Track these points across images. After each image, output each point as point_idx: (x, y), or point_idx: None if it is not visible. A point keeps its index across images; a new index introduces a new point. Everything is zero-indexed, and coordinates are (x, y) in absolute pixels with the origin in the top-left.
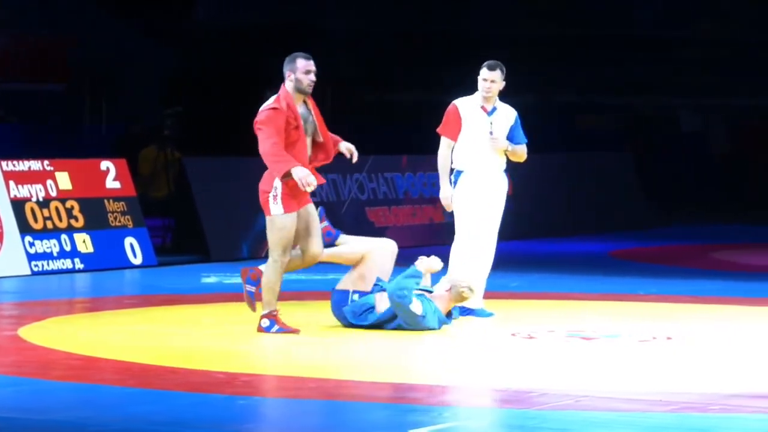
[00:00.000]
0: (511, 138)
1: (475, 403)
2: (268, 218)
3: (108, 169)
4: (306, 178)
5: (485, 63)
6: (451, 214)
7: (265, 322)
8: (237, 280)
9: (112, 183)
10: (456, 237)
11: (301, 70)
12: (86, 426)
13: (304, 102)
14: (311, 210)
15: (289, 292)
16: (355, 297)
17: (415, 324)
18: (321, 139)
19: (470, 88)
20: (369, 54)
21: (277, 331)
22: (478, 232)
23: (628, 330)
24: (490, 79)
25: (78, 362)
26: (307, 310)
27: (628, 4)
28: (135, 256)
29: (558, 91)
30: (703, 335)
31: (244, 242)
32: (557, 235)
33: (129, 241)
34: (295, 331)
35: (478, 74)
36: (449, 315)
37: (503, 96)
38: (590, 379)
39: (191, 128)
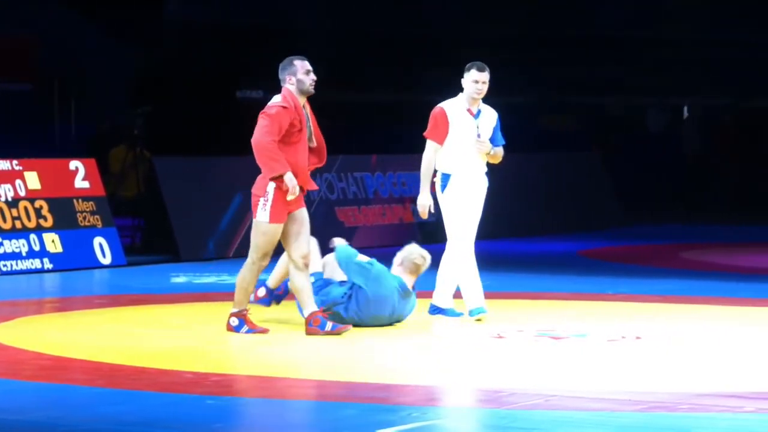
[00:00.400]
0: (491, 140)
1: (444, 402)
2: (254, 221)
3: (77, 168)
4: (295, 188)
5: (473, 64)
6: (426, 215)
7: (234, 321)
8: (206, 279)
9: (81, 183)
10: (449, 240)
11: (301, 71)
12: (56, 426)
13: (303, 106)
14: (304, 214)
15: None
16: (311, 279)
17: (370, 281)
18: (314, 144)
19: (438, 88)
20: (338, 54)
21: (247, 332)
22: (466, 234)
23: (597, 329)
24: (482, 80)
25: (47, 362)
26: (276, 309)
27: (595, 5)
28: (104, 255)
29: (525, 91)
30: (672, 335)
31: (211, 240)
32: (526, 234)
33: (98, 240)
34: (264, 331)
35: (461, 76)
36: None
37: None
38: (559, 378)
39: (161, 127)
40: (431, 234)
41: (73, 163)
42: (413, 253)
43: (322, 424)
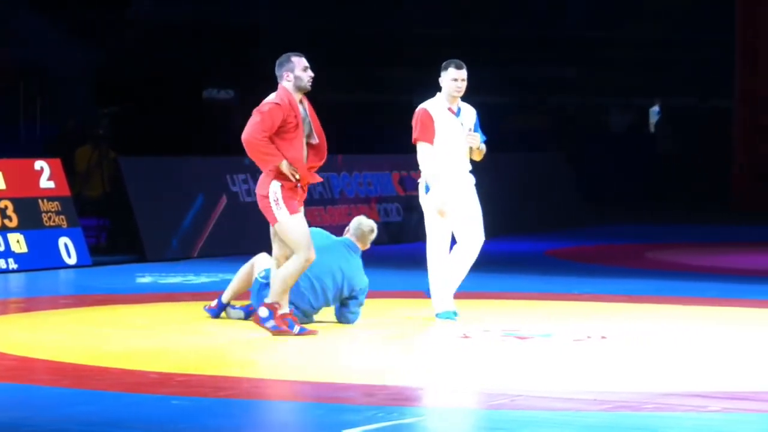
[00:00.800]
0: None
1: (409, 403)
2: (276, 225)
3: (42, 168)
4: (294, 172)
5: (451, 62)
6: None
7: (264, 312)
8: (172, 279)
9: (46, 183)
10: (429, 240)
11: (299, 68)
12: (20, 426)
13: (300, 102)
14: (301, 212)
15: (213, 293)
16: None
17: (313, 237)
18: (316, 141)
19: (402, 88)
20: (304, 53)
21: (272, 328)
22: (446, 239)
23: (562, 329)
24: (461, 77)
25: (12, 362)
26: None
27: (558, 5)
28: (69, 256)
29: (491, 91)
30: (638, 334)
31: (176, 240)
32: (493, 234)
33: (63, 241)
34: (287, 333)
35: (439, 76)
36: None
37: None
38: (525, 378)
39: (127, 127)
40: (396, 234)
41: (38, 163)
42: (360, 221)
43: (288, 424)
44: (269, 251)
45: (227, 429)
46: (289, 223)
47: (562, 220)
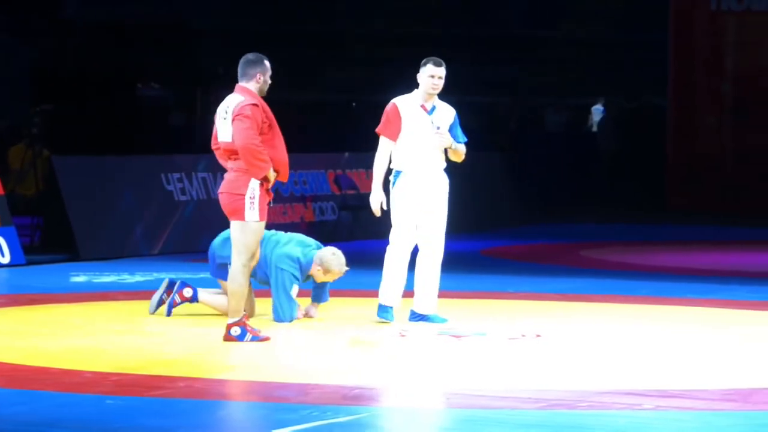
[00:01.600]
0: (452, 137)
1: (342, 402)
2: (240, 223)
3: None
4: (274, 180)
5: (430, 59)
6: (379, 213)
7: (236, 330)
8: (106, 278)
9: None
10: (391, 238)
11: (269, 73)
12: None
13: None
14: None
15: (148, 291)
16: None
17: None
18: None
19: (342, 86)
20: (239, 52)
21: (252, 340)
22: (410, 235)
23: (497, 328)
24: (438, 75)
25: None
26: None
27: (495, 4)
28: (3, 255)
29: None
30: (572, 333)
31: (110, 239)
32: None
33: None
34: (266, 339)
35: (417, 72)
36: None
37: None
38: (460, 376)
39: (60, 126)
40: (330, 233)
41: None
42: (326, 252)
43: (220, 423)
44: (205, 249)
45: (162, 428)
46: (255, 226)
47: (498, 220)
